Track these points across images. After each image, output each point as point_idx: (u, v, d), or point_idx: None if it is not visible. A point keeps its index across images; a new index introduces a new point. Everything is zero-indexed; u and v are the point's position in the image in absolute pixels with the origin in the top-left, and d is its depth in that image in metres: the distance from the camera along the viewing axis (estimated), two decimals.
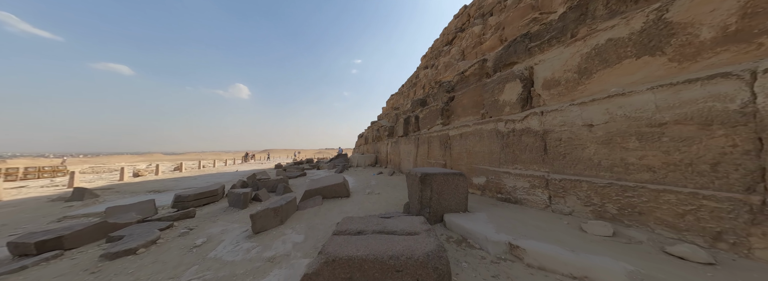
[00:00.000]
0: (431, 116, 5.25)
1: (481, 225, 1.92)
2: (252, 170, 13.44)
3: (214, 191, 4.62)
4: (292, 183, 6.18)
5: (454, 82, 4.97)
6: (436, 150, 4.67)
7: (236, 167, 17.07)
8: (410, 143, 6.17)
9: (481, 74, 4.11)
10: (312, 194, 3.67)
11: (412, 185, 2.42)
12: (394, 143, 7.83)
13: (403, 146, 6.74)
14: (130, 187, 7.65)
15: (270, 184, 5.37)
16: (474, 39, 7.10)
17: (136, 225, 2.81)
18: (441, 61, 9.59)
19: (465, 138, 3.64)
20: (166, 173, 13.04)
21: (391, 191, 4.28)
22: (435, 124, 5.10)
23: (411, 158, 6.03)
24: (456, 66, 6.77)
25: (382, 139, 9.97)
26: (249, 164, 19.84)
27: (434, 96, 6.06)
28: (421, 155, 5.35)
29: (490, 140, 3.06)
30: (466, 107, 4.37)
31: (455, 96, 4.81)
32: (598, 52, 2.04)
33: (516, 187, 2.58)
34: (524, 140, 2.54)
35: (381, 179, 5.89)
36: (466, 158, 3.60)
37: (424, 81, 10.79)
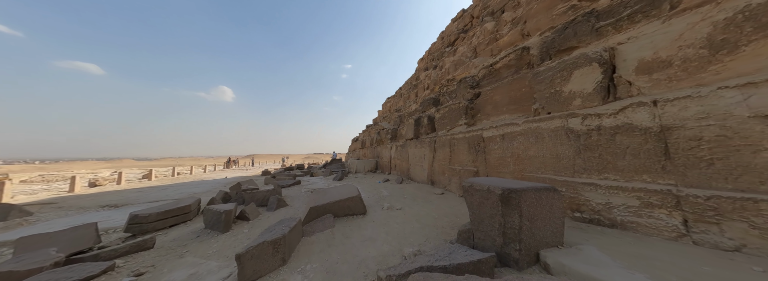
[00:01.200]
0: (452, 116, 4.59)
1: (612, 272, 1.21)
2: (235, 177, 12.08)
3: (185, 208, 3.59)
4: (285, 194, 5.21)
5: (480, 77, 4.37)
6: (462, 154, 3.98)
7: (217, 174, 15.46)
8: (423, 147, 5.46)
9: (519, 65, 3.52)
10: (320, 213, 2.80)
11: (482, 205, 1.67)
12: (400, 146, 7.09)
13: (413, 149, 6.01)
14: (80, 200, 6.26)
15: (259, 196, 4.39)
16: (487, 36, 6.66)
17: (50, 271, 1.81)
18: (446, 61, 9.11)
19: (510, 140, 2.98)
20: (133, 182, 11.36)
21: (412, 204, 3.50)
22: (457, 124, 4.43)
23: (424, 163, 5.31)
24: (469, 63, 6.24)
25: (383, 142, 9.20)
26: (232, 171, 18.18)
27: (451, 94, 5.44)
28: (441, 160, 4.64)
29: (556, 142, 2.40)
30: (498, 104, 3.74)
31: (482, 92, 4.19)
32: (751, 15, 1.45)
33: (611, 204, 1.91)
34: (621, 141, 1.90)
35: (391, 188, 5.09)
36: (513, 165, 2.92)
37: (426, 82, 10.26)
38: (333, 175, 8.60)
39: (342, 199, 2.94)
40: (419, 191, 4.59)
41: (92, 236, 2.74)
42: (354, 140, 18.74)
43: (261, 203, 4.32)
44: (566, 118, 2.32)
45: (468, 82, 4.49)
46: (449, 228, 2.38)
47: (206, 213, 3.18)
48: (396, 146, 7.55)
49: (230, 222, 3.11)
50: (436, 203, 3.45)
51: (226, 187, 7.57)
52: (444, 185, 4.45)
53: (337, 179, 7.11)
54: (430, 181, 5.04)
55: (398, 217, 2.86)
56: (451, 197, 3.89)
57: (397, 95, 15.54)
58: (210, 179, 11.10)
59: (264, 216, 3.65)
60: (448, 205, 3.30)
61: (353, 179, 7.40)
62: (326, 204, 2.85)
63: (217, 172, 17.09)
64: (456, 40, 11.06)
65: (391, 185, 5.62)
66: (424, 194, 4.25)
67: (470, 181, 1.91)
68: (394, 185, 5.48)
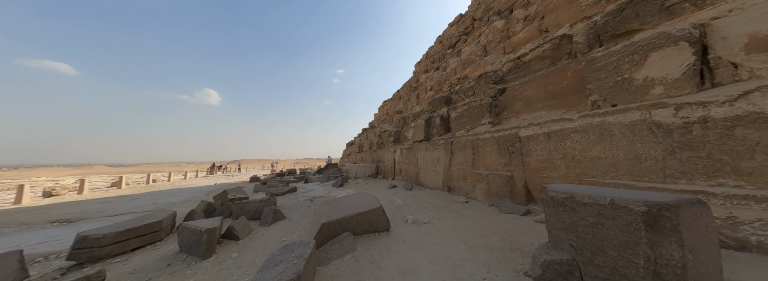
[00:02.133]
0: (472, 115, 4.14)
1: None
2: (221, 184, 11.03)
3: (154, 225, 2.83)
4: (280, 204, 4.49)
5: (504, 71, 3.97)
6: (490, 157, 3.50)
7: (200, 181, 14.19)
8: (436, 149, 4.96)
9: (557, 56, 3.13)
10: (335, 231, 2.18)
11: (599, 227, 1.14)
12: (406, 149, 6.56)
13: (424, 152, 5.50)
14: (26, 215, 5.18)
15: (250, 208, 3.66)
16: (497, 34, 6.39)
17: None
18: (450, 62, 8.83)
19: (560, 139, 2.53)
20: (99, 190, 10.03)
21: (439, 216, 2.94)
22: (479, 123, 3.98)
23: (439, 167, 4.79)
24: (480, 62, 5.91)
25: (385, 145, 8.65)
26: (216, 177, 16.87)
27: (466, 92, 5.02)
28: (460, 163, 4.15)
29: (632, 139, 1.96)
30: (531, 100, 3.32)
31: (507, 88, 3.78)
32: None
33: (737, 220, 1.45)
34: (745, 136, 1.47)
35: (403, 196, 4.51)
36: (565, 169, 2.46)
37: (429, 84, 9.92)
38: (331, 181, 7.89)
39: (360, 212, 2.33)
40: (437, 199, 4.04)
41: (12, 270, 1.97)
42: (349, 144, 18.04)
43: (253, 215, 3.60)
44: (648, 110, 1.88)
45: (490, 77, 4.08)
46: (509, 251, 1.84)
47: (182, 232, 2.46)
48: (401, 149, 7.01)
49: (214, 243, 2.41)
50: (469, 215, 2.91)
51: (209, 196, 6.69)
52: (466, 192, 3.93)
53: (338, 185, 6.44)
54: (446, 187, 4.51)
55: (432, 235, 2.29)
56: (478, 206, 3.37)
57: (395, 98, 15.15)
58: (191, 187, 10.00)
59: (257, 232, 2.95)
60: (485, 217, 2.77)
61: (354, 185, 6.75)
62: (342, 219, 2.23)
63: (200, 179, 15.74)
64: (457, 43, 10.90)
65: (401, 192, 5.04)
66: (446, 202, 3.71)
67: (557, 189, 1.40)
68: (404, 192, 4.90)
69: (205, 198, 6.01)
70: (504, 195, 3.20)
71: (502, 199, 3.21)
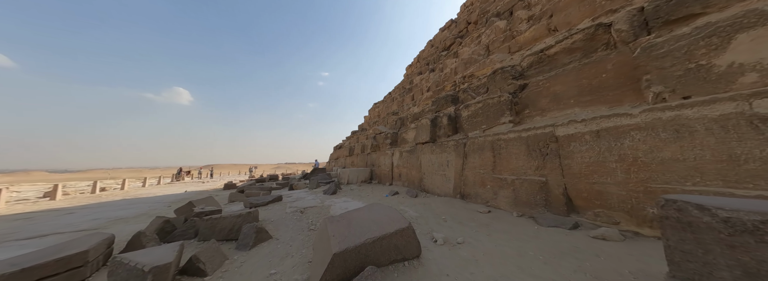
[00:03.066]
0: (488, 113, 3.74)
1: None
2: (190, 193, 9.61)
3: (74, 258, 1.96)
4: (263, 218, 3.68)
5: (524, 66, 3.64)
6: (516, 159, 3.08)
7: (163, 188, 12.40)
8: (444, 152, 4.49)
9: (591, 47, 2.83)
10: (351, 264, 1.53)
11: None
12: (407, 152, 6.03)
13: (429, 155, 5.00)
14: None
15: (224, 225, 2.84)
16: (499, 34, 6.24)
17: None
18: (447, 63, 8.61)
19: (615, 138, 2.15)
20: (26, 203, 8.12)
21: (467, 231, 2.41)
22: (497, 122, 3.58)
23: (448, 172, 4.31)
24: (484, 61, 5.65)
25: (380, 148, 8.05)
26: (183, 185, 14.97)
27: (476, 89, 4.66)
28: (476, 167, 3.69)
29: (724, 137, 1.60)
30: (561, 96, 2.98)
31: (530, 83, 3.44)
32: None
33: None
34: None
35: (411, 204, 3.94)
36: (623, 173, 2.07)
37: (425, 85, 9.61)
38: (321, 187, 7.07)
39: (385, 234, 1.71)
40: (453, 208, 3.52)
41: None
42: (337, 147, 17.15)
43: (227, 235, 2.78)
44: (747, 100, 1.54)
45: (508, 72, 3.73)
46: None
47: (115, 272, 1.64)
48: (400, 152, 6.47)
49: None
50: (505, 231, 2.41)
51: (170, 208, 5.57)
52: (485, 200, 3.47)
53: (330, 192, 5.68)
54: (459, 194, 4.03)
55: (480, 263, 1.73)
56: (506, 217, 2.90)
57: (387, 100, 14.72)
58: (149, 197, 8.51)
59: (234, 262, 2.18)
60: (528, 234, 2.28)
61: (348, 191, 6.04)
62: (361, 246, 1.59)
63: (164, 186, 13.80)
64: (451, 45, 10.83)
65: (406, 199, 4.46)
66: (465, 213, 3.20)
67: (695, 202, 0.93)
68: (411, 201, 4.32)
69: (165, 212, 4.93)
70: (537, 204, 2.77)
71: (535, 208, 2.77)
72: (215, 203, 4.61)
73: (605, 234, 1.96)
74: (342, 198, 5.07)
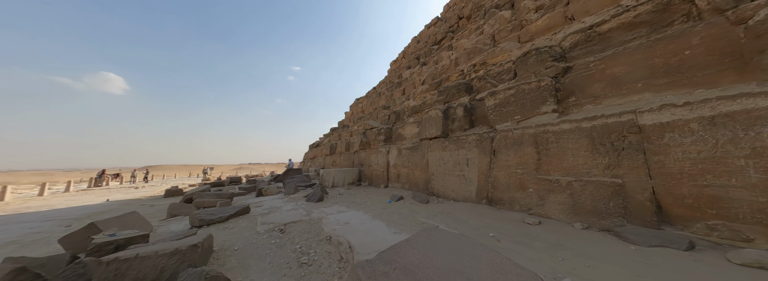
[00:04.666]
0: (524, 100, 3.11)
1: None
2: (110, 203, 7.34)
3: None
4: (223, 244, 2.45)
5: (567, 46, 3.10)
6: (572, 156, 2.46)
7: (72, 197, 9.48)
8: (462, 148, 3.76)
9: (666, 20, 2.35)
10: None
11: None
12: (408, 149, 5.20)
13: (439, 153, 4.24)
14: None
15: (144, 272, 1.60)
16: (504, 24, 5.84)
17: None
18: (443, 55, 8.06)
19: (745, 126, 1.61)
20: None
21: (544, 258, 1.66)
22: (537, 112, 2.97)
23: (469, 172, 3.59)
24: (493, 50, 5.14)
25: (371, 145, 7.08)
26: (107, 191, 11.86)
27: (497, 76, 4.05)
28: (511, 166, 3.02)
29: None
30: (622, 79, 2.46)
31: (575, 66, 2.90)
32: None
33: None
34: None
35: (427, 213, 3.10)
36: (758, 173, 1.54)
37: (417, 78, 8.93)
38: (299, 192, 5.80)
39: None
40: (485, 217, 2.78)
41: None
42: (313, 145, 15.54)
43: None
44: None
45: (546, 53, 3.15)
46: None
47: None
48: (398, 149, 5.61)
49: None
50: (594, 255, 1.71)
51: (68, 231, 3.81)
52: (526, 207, 2.80)
53: (315, 199, 4.53)
54: (484, 199, 3.32)
55: None
56: (566, 229, 2.25)
57: (372, 95, 13.74)
58: (41, 211, 6.11)
59: None
60: (632, 258, 1.61)
61: (337, 197, 4.95)
62: None
63: (74, 194, 10.62)
64: (443, 40, 10.41)
65: (417, 206, 3.60)
66: (509, 225, 2.48)
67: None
68: (423, 208, 3.48)
69: (47, 240, 3.24)
70: (609, 213, 2.17)
71: (607, 219, 2.17)
72: (142, 222, 3.14)
73: (762, 260, 1.37)
74: (333, 207, 3.99)
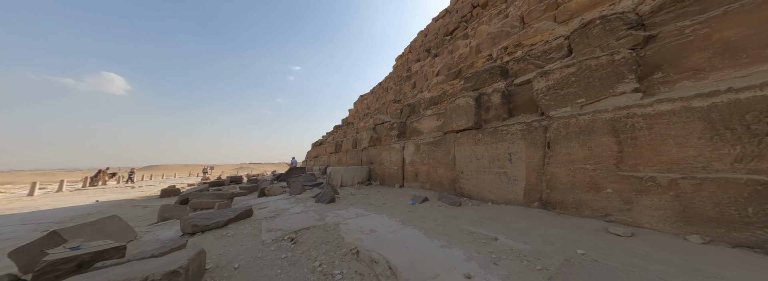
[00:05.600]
0: (589, 80, 2.51)
1: None
2: (99, 204, 6.79)
3: None
4: (219, 259, 1.85)
5: (647, 11, 2.51)
6: (677, 147, 1.86)
7: (63, 198, 8.95)
8: (503, 140, 3.17)
9: None
10: None
11: None
12: (429, 144, 4.61)
13: (470, 147, 3.64)
14: None
15: None
16: (534, 4, 5.23)
17: None
18: (459, 44, 7.45)
19: None
20: None
21: None
22: (610, 93, 2.37)
23: (513, 168, 2.99)
24: (526, 31, 4.54)
25: (383, 141, 6.49)
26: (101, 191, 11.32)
27: (543, 56, 3.45)
28: (576, 160, 2.42)
29: None
30: (740, 45, 1.87)
31: (663, 33, 2.30)
32: None
33: None
34: None
35: (464, 218, 2.51)
36: None
37: (430, 70, 8.34)
38: (306, 192, 5.22)
39: None
40: (548, 225, 2.19)
41: None
42: (316, 144, 14.97)
43: None
44: None
45: (618, 20, 2.55)
46: None
47: None
48: (416, 144, 5.01)
49: None
50: None
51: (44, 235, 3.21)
52: (603, 212, 2.21)
53: (326, 200, 3.94)
54: (536, 201, 2.73)
55: None
56: (679, 244, 1.66)
57: (377, 91, 13.14)
58: (23, 213, 5.56)
59: None
60: None
61: (350, 197, 4.36)
62: None
63: (66, 194, 10.08)
64: (455, 30, 9.80)
65: (449, 210, 3.01)
66: (592, 238, 1.89)
67: None
68: (458, 212, 2.89)
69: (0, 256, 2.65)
70: (748, 222, 1.57)
71: (745, 230, 1.57)
72: (122, 228, 2.56)
73: None
74: (348, 209, 3.40)
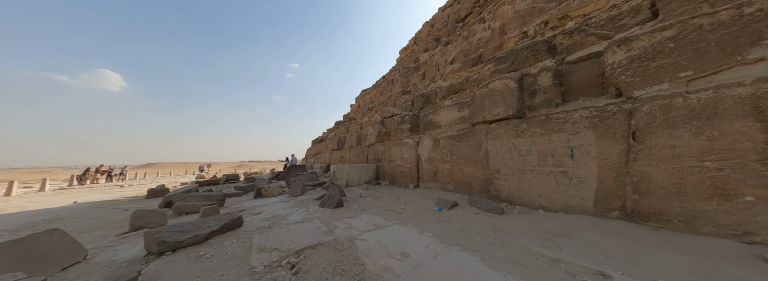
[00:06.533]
0: (701, 44, 1.82)
1: None
2: (74, 207, 6.11)
3: None
4: None
5: None
6: None
7: (38, 198, 8.26)
8: (559, 131, 2.49)
9: None
10: None
11: None
12: (451, 138, 3.93)
13: (510, 140, 2.97)
14: None
15: None
16: None
17: None
18: (476, 28, 6.72)
19: None
20: None
21: None
22: (730, 62, 1.68)
23: (581, 168, 2.32)
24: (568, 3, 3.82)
25: (392, 136, 5.80)
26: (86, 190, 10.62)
27: (614, 22, 2.75)
28: (678, 156, 1.75)
29: None
30: None
31: None
32: None
33: None
34: None
35: (528, 234, 1.85)
36: None
37: (441, 58, 7.61)
38: (308, 194, 4.54)
39: None
40: (654, 246, 1.53)
41: None
42: (316, 141, 14.27)
43: None
44: None
45: None
46: None
47: None
48: (435, 139, 4.33)
49: None
50: None
51: None
52: (739, 230, 1.54)
53: (332, 204, 3.27)
54: (616, 210, 2.06)
55: None
56: None
57: (382, 84, 12.40)
58: None
59: None
60: None
61: (359, 200, 3.69)
62: None
63: (48, 194, 9.38)
64: (468, 16, 9.05)
65: (501, 222, 2.34)
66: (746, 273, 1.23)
67: None
68: (513, 225, 2.23)
69: None
70: None
71: None
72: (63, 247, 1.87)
73: None
74: (361, 217, 2.74)
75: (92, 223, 4.21)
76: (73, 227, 3.93)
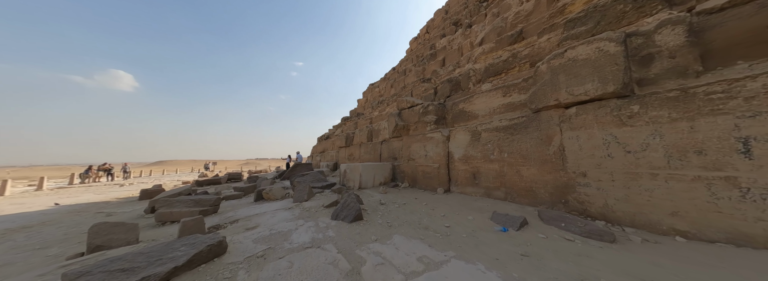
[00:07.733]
0: None
1: None
2: (55, 209, 5.49)
3: None
4: None
5: None
6: None
7: (31, 199, 7.74)
8: (711, 114, 1.56)
9: None
10: None
11: None
12: (499, 130, 3.01)
13: (606, 131, 2.04)
14: None
15: None
16: None
17: None
18: (510, 2, 5.68)
19: None
20: None
21: None
22: None
23: (758, 171, 1.41)
24: None
25: (410, 130, 4.90)
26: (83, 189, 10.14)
27: None
28: None
29: None
30: None
31: None
32: None
33: None
34: None
35: None
36: None
37: (462, 41, 6.62)
38: (316, 199, 3.70)
39: None
40: None
41: None
42: (322, 138, 13.49)
43: None
44: None
45: None
46: None
47: None
48: (474, 131, 3.42)
49: None
50: None
51: None
52: None
53: (350, 218, 2.41)
54: None
55: None
56: None
57: (392, 76, 11.45)
58: None
59: None
60: None
61: (380, 210, 2.82)
62: None
63: (38, 195, 8.90)
64: None
65: (620, 259, 1.41)
66: None
67: None
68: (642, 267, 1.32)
69: None
70: None
71: None
72: None
73: None
74: (393, 241, 1.86)
75: (60, 234, 3.49)
76: (33, 240, 3.20)
